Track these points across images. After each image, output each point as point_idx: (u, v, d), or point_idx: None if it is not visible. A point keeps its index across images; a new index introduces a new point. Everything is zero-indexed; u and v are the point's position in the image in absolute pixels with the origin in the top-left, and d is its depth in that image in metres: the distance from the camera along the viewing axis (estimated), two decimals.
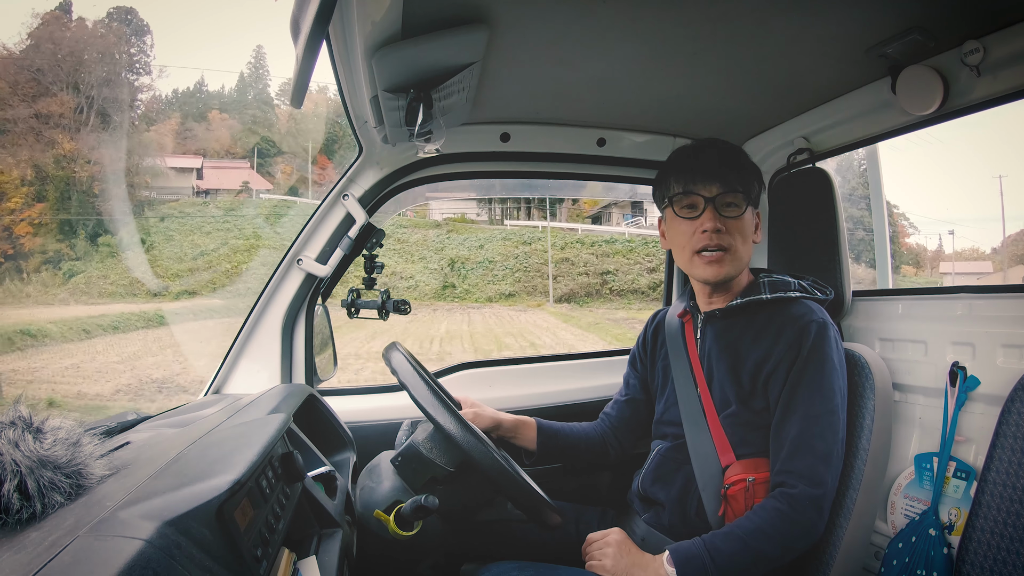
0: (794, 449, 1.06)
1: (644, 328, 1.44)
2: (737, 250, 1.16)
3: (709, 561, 1.00)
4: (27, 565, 0.47)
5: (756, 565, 1.02)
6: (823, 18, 1.05)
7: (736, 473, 1.11)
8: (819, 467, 1.04)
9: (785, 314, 1.14)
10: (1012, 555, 0.99)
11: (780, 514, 1.02)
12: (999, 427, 1.05)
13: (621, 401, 1.44)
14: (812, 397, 1.07)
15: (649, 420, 1.37)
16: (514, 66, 1.19)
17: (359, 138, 1.39)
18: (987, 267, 25.79)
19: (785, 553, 1.03)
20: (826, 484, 1.04)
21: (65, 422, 0.67)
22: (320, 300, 1.57)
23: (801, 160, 1.53)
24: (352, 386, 1.74)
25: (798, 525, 1.02)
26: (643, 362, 1.41)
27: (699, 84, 1.32)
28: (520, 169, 1.66)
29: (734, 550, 1.01)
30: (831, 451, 1.06)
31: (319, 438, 1.30)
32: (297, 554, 0.81)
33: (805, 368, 1.08)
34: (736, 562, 1.01)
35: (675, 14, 1.02)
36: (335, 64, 1.05)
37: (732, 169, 1.16)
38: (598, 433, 1.43)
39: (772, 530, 1.02)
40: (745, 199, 1.17)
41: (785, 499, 1.03)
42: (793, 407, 1.08)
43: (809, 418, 1.06)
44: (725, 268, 1.16)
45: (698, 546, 1.03)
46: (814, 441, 1.05)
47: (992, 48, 1.06)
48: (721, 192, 1.15)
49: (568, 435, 1.39)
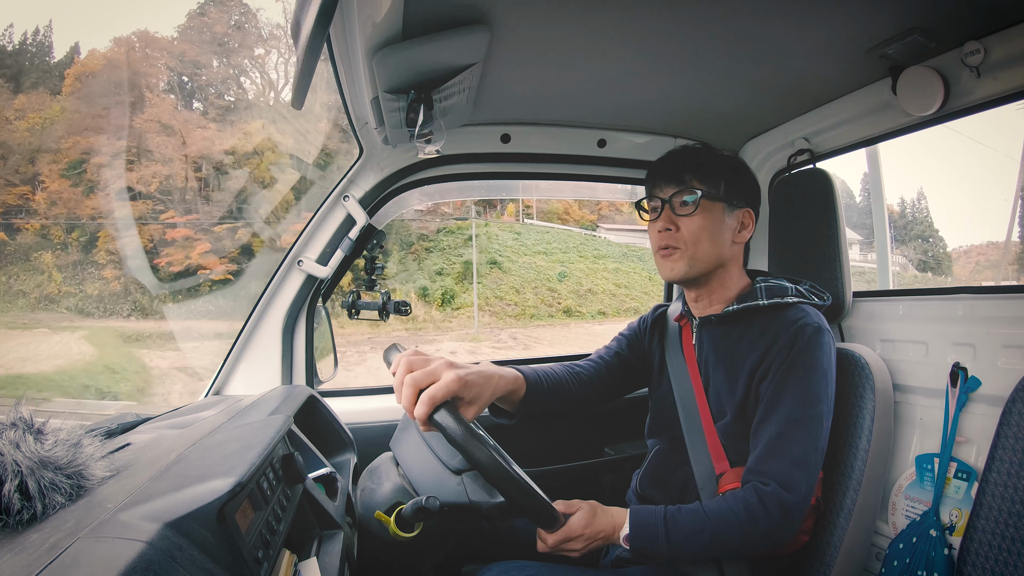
0: (770, 450, 1.03)
1: (643, 317, 1.41)
2: (690, 248, 1.14)
3: (663, 532, 0.99)
4: (28, 567, 0.46)
5: (713, 547, 0.99)
6: (823, 19, 1.05)
7: (730, 481, 1.10)
8: (793, 472, 1.00)
9: (780, 318, 1.12)
10: (1013, 556, 0.99)
11: (748, 505, 0.99)
12: (1000, 428, 1.05)
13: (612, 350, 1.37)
14: (795, 400, 1.04)
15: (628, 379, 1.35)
16: (515, 67, 1.19)
17: (359, 139, 1.40)
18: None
19: (745, 545, 1.00)
20: (799, 491, 1.00)
21: (66, 423, 0.67)
22: (321, 301, 1.58)
23: (802, 161, 1.53)
24: (352, 387, 1.74)
25: (762, 523, 0.99)
26: (639, 338, 1.36)
27: (699, 85, 1.32)
28: (521, 170, 1.66)
29: (693, 528, 0.99)
30: (808, 458, 1.02)
31: (320, 439, 1.30)
32: (298, 556, 0.81)
33: (792, 369, 1.06)
34: (692, 541, 0.99)
35: (675, 15, 1.02)
36: (336, 65, 1.05)
37: (690, 169, 1.15)
38: (587, 371, 1.32)
39: (735, 519, 0.99)
40: (705, 196, 1.13)
41: (755, 493, 1.00)
42: (775, 407, 1.05)
43: (789, 421, 1.03)
44: (676, 265, 1.15)
45: (658, 515, 1.01)
46: (791, 445, 1.02)
47: (992, 49, 1.06)
48: (676, 192, 1.15)
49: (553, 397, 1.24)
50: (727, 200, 1.16)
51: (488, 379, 1.02)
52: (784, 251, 1.49)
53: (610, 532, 1.03)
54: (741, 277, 1.22)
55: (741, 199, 1.18)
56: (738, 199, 1.17)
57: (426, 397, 0.89)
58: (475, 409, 0.99)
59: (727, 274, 1.20)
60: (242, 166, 19.07)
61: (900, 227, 22.01)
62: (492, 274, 19.51)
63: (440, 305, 18.18)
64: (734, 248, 1.19)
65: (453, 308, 18.30)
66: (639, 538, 1.00)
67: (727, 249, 1.17)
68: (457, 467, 1.03)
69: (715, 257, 1.16)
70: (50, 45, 21.70)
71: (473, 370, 0.99)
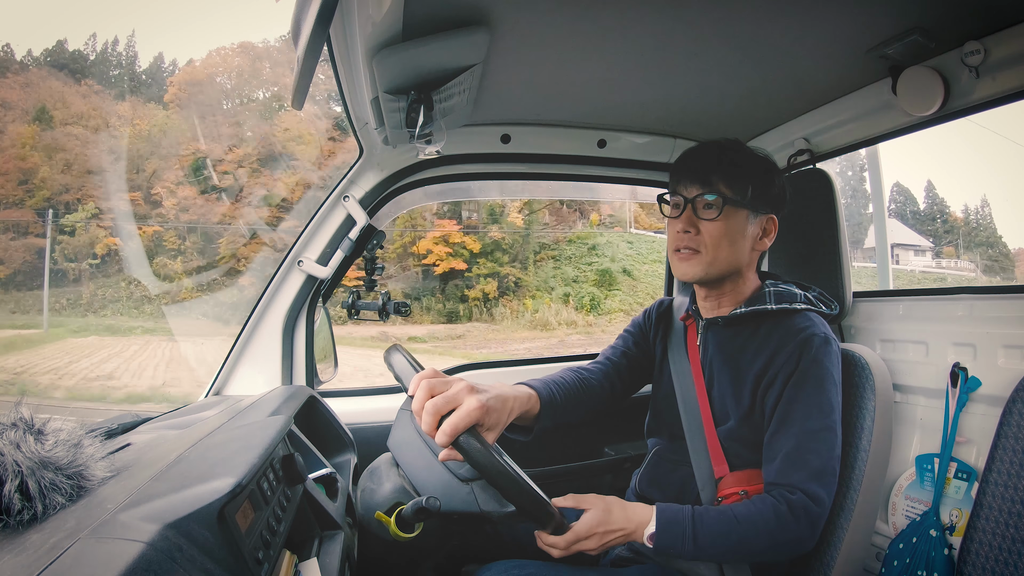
0: (791, 462, 1.02)
1: (647, 310, 1.40)
2: (710, 253, 1.12)
3: (690, 532, 0.97)
4: (28, 567, 0.47)
5: (737, 550, 0.99)
6: (823, 19, 1.05)
7: (729, 485, 1.10)
8: (816, 484, 1.01)
9: (787, 325, 1.11)
10: (1013, 556, 0.99)
11: (778, 513, 0.99)
12: (1000, 428, 1.05)
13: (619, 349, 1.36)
14: (810, 412, 1.04)
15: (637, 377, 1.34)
16: (515, 68, 1.19)
17: (360, 140, 1.40)
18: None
19: (769, 551, 1.00)
20: (823, 503, 1.01)
21: (66, 423, 0.67)
22: (321, 302, 1.58)
23: (802, 161, 1.53)
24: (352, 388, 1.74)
25: (791, 531, 0.99)
26: (644, 333, 1.36)
27: (699, 85, 1.32)
28: (521, 170, 1.66)
29: (721, 530, 0.98)
30: (826, 468, 1.02)
31: (320, 440, 1.30)
32: (298, 556, 0.81)
33: (804, 381, 1.05)
34: (718, 542, 0.98)
35: (675, 15, 1.02)
36: (336, 65, 1.05)
37: (718, 170, 1.12)
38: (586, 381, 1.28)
39: (765, 525, 0.99)
40: (729, 202, 1.11)
41: (784, 501, 1.00)
42: (789, 421, 1.04)
43: (805, 433, 1.03)
44: (695, 268, 1.13)
45: (686, 514, 1.00)
46: (809, 456, 1.02)
47: (992, 49, 1.06)
48: (699, 193, 1.12)
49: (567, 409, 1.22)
50: (752, 207, 1.13)
51: (505, 402, 1.00)
52: (784, 251, 1.49)
53: (631, 530, 1.00)
54: (753, 280, 1.20)
55: (767, 205, 1.15)
56: (764, 205, 1.14)
57: (449, 428, 0.88)
58: (494, 435, 0.98)
59: (741, 278, 1.18)
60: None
61: (965, 234, 22.27)
62: (626, 281, 19.80)
63: (587, 311, 18.44)
64: (753, 255, 1.17)
65: (598, 314, 18.58)
66: (666, 536, 0.98)
67: (746, 256, 1.15)
68: (466, 476, 1.03)
69: (733, 263, 1.14)
70: (158, 57, 21.36)
71: (492, 394, 0.97)
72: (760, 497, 1.03)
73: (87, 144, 17.67)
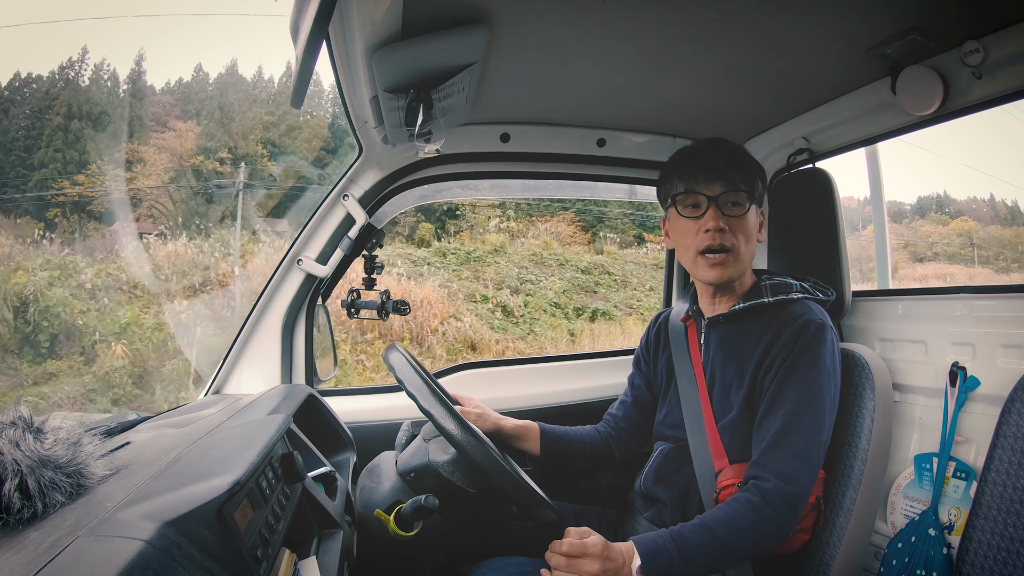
0: (773, 444, 1.04)
1: (647, 329, 1.43)
2: (740, 251, 1.15)
3: (676, 554, 0.96)
4: (27, 565, 0.47)
5: (725, 558, 0.99)
6: (823, 18, 1.05)
7: (728, 477, 1.10)
8: (795, 464, 1.02)
9: (784, 313, 1.13)
10: (1012, 555, 0.99)
11: (753, 506, 1.00)
12: (999, 427, 1.05)
13: (628, 402, 1.42)
14: (798, 394, 1.06)
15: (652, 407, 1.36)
16: (514, 66, 1.19)
17: (359, 138, 1.39)
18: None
19: (756, 548, 1.00)
20: (801, 482, 1.02)
21: (66, 422, 0.67)
22: (320, 300, 1.58)
23: (801, 160, 1.53)
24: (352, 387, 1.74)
25: (770, 520, 0.99)
26: (647, 363, 1.40)
27: (699, 84, 1.32)
28: (520, 169, 1.66)
29: (703, 541, 0.98)
30: (809, 450, 1.03)
31: (319, 438, 1.30)
32: (297, 554, 0.81)
33: (796, 365, 1.07)
34: (704, 554, 0.97)
35: (675, 14, 1.02)
36: (335, 64, 1.04)
37: (735, 168, 1.15)
38: (602, 435, 1.41)
39: (743, 522, 0.99)
40: (748, 198, 1.16)
41: (758, 492, 1.01)
42: (779, 402, 1.06)
43: (793, 415, 1.05)
44: (728, 270, 1.15)
45: (664, 538, 0.98)
46: (793, 438, 1.03)
47: (992, 48, 1.06)
48: (724, 191, 1.14)
49: (571, 440, 1.37)
50: (759, 201, 1.19)
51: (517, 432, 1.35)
52: (783, 251, 1.49)
53: (620, 565, 0.97)
54: (750, 275, 1.23)
55: (761, 199, 1.21)
56: (760, 199, 1.20)
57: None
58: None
59: (745, 274, 1.21)
60: None
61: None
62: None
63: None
64: (757, 248, 1.21)
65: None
66: (654, 564, 0.96)
67: (754, 249, 1.19)
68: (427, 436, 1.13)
69: (751, 258, 1.18)
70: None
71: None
72: (734, 497, 1.04)
73: None
